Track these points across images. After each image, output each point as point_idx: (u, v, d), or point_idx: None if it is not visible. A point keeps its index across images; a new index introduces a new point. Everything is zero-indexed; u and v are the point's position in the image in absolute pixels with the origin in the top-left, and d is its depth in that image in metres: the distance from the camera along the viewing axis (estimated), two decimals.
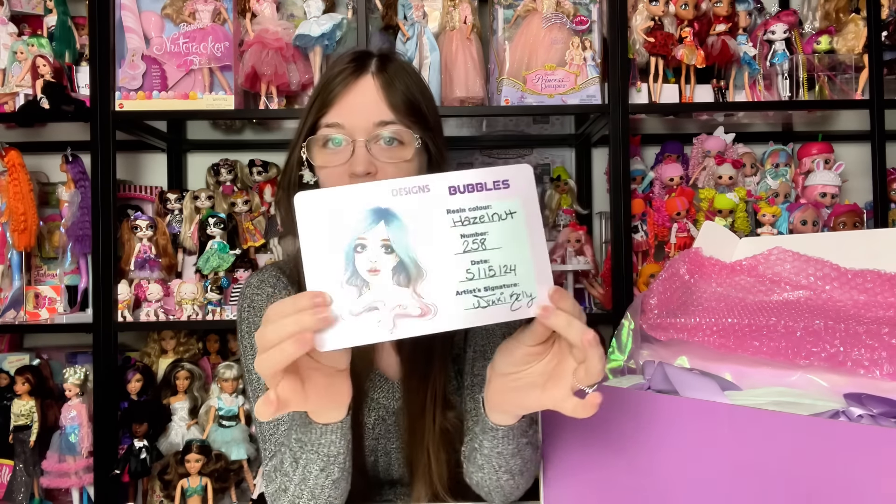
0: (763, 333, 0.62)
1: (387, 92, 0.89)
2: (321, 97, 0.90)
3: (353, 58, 0.92)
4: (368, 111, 0.88)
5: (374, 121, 0.87)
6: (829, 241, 0.71)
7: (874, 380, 0.54)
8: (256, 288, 0.98)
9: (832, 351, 0.56)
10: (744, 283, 0.73)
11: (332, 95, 0.89)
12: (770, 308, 0.66)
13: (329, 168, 0.89)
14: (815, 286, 0.68)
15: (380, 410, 0.96)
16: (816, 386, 0.58)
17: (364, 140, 0.87)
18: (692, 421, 0.57)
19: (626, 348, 0.77)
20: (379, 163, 0.87)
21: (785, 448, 0.50)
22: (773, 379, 0.61)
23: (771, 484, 0.51)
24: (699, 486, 0.57)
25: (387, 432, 0.96)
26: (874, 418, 0.50)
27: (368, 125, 0.87)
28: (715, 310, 0.69)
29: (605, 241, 1.91)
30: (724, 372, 0.65)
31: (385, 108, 0.88)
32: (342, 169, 0.88)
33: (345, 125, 0.88)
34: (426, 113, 0.93)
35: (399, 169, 0.88)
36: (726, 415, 0.55)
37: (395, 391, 0.97)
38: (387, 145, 0.88)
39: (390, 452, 0.97)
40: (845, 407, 0.53)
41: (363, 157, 0.86)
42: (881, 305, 0.61)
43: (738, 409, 0.55)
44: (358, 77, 0.89)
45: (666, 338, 0.71)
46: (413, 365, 0.95)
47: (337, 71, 0.90)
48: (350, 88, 0.89)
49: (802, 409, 0.55)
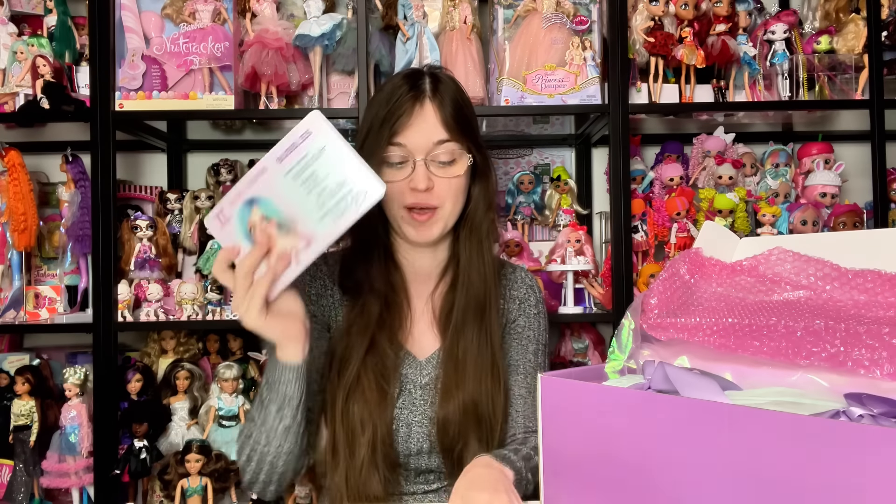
0: (763, 333, 0.62)
1: (441, 112, 1.02)
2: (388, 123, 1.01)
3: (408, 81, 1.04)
4: (428, 133, 1.02)
5: (433, 140, 1.02)
6: (829, 241, 0.71)
7: (874, 380, 0.54)
8: None
9: (832, 351, 0.56)
10: (744, 284, 0.73)
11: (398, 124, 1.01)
12: (770, 308, 0.66)
13: (392, 184, 1.01)
14: (815, 286, 0.67)
15: (406, 384, 1.06)
16: (817, 386, 0.58)
17: (423, 158, 1.01)
18: (692, 421, 0.57)
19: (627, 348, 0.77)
20: (436, 178, 1.02)
21: (785, 448, 0.50)
22: (773, 379, 0.61)
23: (771, 484, 0.51)
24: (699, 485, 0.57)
25: (411, 404, 1.05)
26: (875, 418, 0.50)
27: (428, 144, 1.02)
28: (715, 310, 0.69)
29: (605, 241, 1.91)
30: (725, 372, 0.65)
31: (441, 129, 1.02)
32: (403, 183, 1.02)
33: (407, 145, 1.01)
34: (470, 119, 1.07)
35: (450, 184, 1.03)
36: (726, 415, 0.55)
37: (423, 369, 1.07)
38: (442, 165, 1.02)
39: (411, 424, 1.04)
40: (846, 407, 0.52)
41: (424, 174, 1.01)
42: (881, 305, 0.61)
43: (738, 409, 0.55)
44: (416, 101, 1.02)
45: (666, 338, 0.71)
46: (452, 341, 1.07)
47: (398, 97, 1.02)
48: (412, 112, 1.02)
49: (803, 409, 0.55)
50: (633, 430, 0.63)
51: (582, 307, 1.73)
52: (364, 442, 0.99)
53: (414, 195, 1.02)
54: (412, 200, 1.02)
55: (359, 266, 1.08)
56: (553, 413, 0.73)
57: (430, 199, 1.02)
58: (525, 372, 1.12)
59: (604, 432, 0.66)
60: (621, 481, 0.64)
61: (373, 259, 1.07)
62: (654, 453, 0.61)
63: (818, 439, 0.48)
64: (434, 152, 1.01)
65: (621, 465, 0.64)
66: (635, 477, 0.63)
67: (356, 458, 1.00)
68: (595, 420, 0.67)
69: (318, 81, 1.75)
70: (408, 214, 1.04)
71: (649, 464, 0.61)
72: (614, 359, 0.78)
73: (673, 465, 0.59)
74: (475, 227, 1.09)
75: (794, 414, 0.51)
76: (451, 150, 1.02)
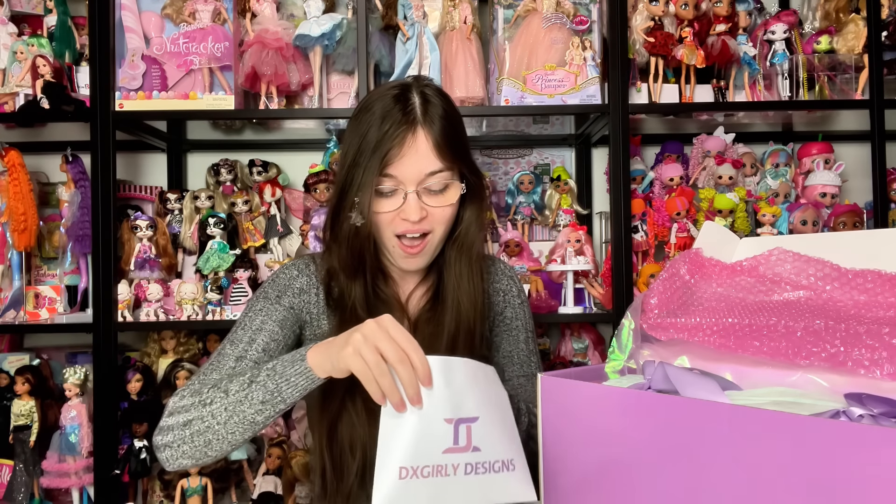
0: (763, 333, 0.62)
1: (432, 138, 0.97)
2: (379, 153, 0.96)
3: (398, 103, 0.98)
4: (420, 164, 0.96)
5: (425, 172, 0.97)
6: (829, 241, 0.71)
7: (874, 380, 0.54)
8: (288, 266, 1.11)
9: (832, 351, 0.56)
10: (744, 284, 0.73)
11: (390, 155, 0.96)
12: (770, 308, 0.66)
13: (382, 213, 0.98)
14: (815, 286, 0.67)
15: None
16: (817, 386, 0.58)
17: (415, 190, 0.97)
18: (692, 421, 0.57)
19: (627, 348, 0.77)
20: (429, 208, 0.98)
21: (785, 448, 0.50)
22: (773, 379, 0.61)
23: (771, 484, 0.51)
24: (699, 485, 0.57)
25: None
26: (875, 418, 0.50)
27: (420, 175, 0.97)
28: (715, 310, 0.69)
29: (605, 241, 1.92)
30: (725, 372, 0.65)
31: (433, 158, 0.97)
32: (393, 214, 0.98)
33: (398, 176, 0.96)
34: (462, 138, 1.03)
35: (444, 213, 1.00)
36: (726, 415, 0.55)
37: None
38: (434, 193, 0.98)
39: None
40: (846, 407, 0.52)
41: (416, 205, 0.97)
42: (881, 305, 0.61)
43: (738, 409, 0.55)
44: (408, 131, 0.96)
45: (666, 338, 0.71)
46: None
47: (389, 126, 0.96)
48: (404, 143, 0.96)
49: (803, 409, 0.55)
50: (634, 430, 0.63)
51: (582, 307, 1.73)
52: (354, 468, 0.99)
53: (405, 224, 0.98)
54: (403, 229, 0.99)
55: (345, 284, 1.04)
56: (553, 413, 0.73)
57: (422, 226, 0.99)
58: (520, 361, 1.14)
59: (604, 432, 0.66)
60: (621, 481, 0.64)
61: (358, 279, 1.04)
62: (653, 453, 0.61)
63: (818, 439, 0.48)
64: (426, 183, 0.97)
65: (621, 465, 0.64)
66: (635, 476, 0.63)
67: (345, 483, 1.00)
68: (595, 420, 0.67)
69: (318, 81, 1.76)
70: (398, 244, 1.00)
71: (649, 463, 0.61)
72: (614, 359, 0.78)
73: (673, 465, 0.59)
74: (465, 248, 1.06)
75: (794, 414, 0.51)
76: (443, 179, 0.98)
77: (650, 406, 0.62)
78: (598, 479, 0.67)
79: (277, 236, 1.86)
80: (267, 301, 1.04)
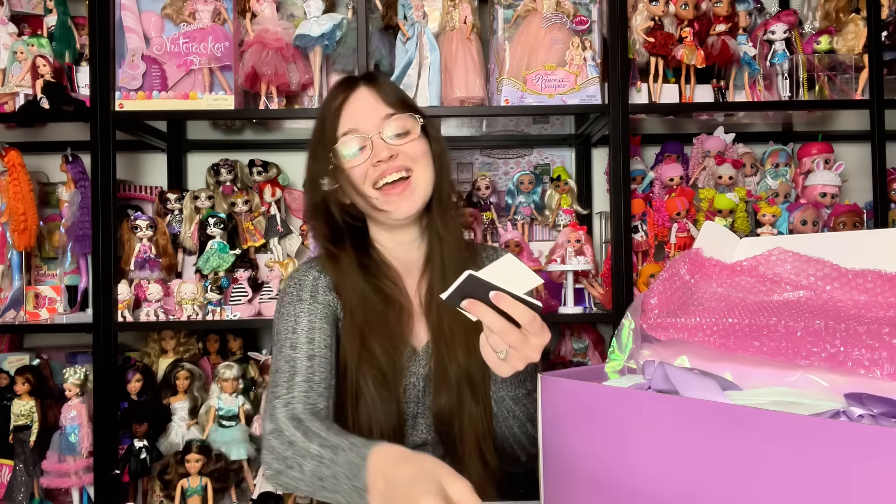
0: (763, 333, 0.62)
1: (381, 94, 1.07)
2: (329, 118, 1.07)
3: (342, 80, 1.11)
4: (374, 112, 1.05)
5: (380, 116, 1.05)
6: (829, 241, 0.71)
7: (874, 380, 0.54)
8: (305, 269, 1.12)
9: (832, 351, 0.56)
10: (744, 284, 0.73)
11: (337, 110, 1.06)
12: (770, 308, 0.66)
13: (356, 167, 1.05)
14: (815, 286, 0.67)
15: (410, 377, 1.08)
16: (817, 386, 0.58)
17: (378, 133, 1.04)
18: (692, 421, 0.57)
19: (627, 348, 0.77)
20: (396, 147, 1.04)
21: (785, 448, 0.50)
22: (773, 379, 0.61)
23: (771, 484, 0.51)
24: (699, 485, 0.57)
25: (415, 398, 1.08)
26: (875, 418, 0.50)
27: (377, 121, 1.05)
28: (715, 310, 0.69)
29: (605, 241, 1.92)
30: (725, 372, 0.65)
31: (384, 106, 1.06)
32: (366, 165, 1.04)
33: (358, 128, 1.05)
34: (411, 103, 1.12)
35: (414, 146, 1.06)
36: (726, 415, 0.55)
37: (421, 359, 1.09)
38: (398, 136, 1.05)
39: (417, 416, 1.08)
40: (846, 407, 0.53)
41: (382, 145, 1.04)
42: (881, 305, 0.61)
43: (738, 409, 0.55)
44: (352, 90, 1.08)
45: (666, 338, 0.71)
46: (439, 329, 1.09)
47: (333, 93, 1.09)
48: (350, 99, 1.07)
49: (803, 409, 0.55)
50: (633, 430, 0.63)
51: (582, 307, 1.73)
52: None
53: (379, 167, 1.03)
54: (378, 173, 1.04)
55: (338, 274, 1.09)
56: (553, 413, 0.73)
57: (396, 163, 1.04)
58: None
59: (603, 432, 0.66)
60: (621, 481, 0.64)
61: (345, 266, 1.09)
62: (653, 453, 0.61)
63: (818, 439, 0.48)
64: (385, 126, 1.04)
65: (621, 465, 0.64)
66: (635, 476, 0.63)
67: None
68: (595, 420, 0.67)
69: (318, 81, 1.75)
70: (381, 194, 1.05)
71: (649, 463, 0.61)
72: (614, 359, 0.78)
73: (673, 465, 0.59)
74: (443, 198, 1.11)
75: (794, 414, 0.51)
76: (400, 121, 1.05)
77: (650, 406, 0.62)
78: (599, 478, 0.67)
79: (277, 236, 1.86)
80: (303, 303, 1.06)
